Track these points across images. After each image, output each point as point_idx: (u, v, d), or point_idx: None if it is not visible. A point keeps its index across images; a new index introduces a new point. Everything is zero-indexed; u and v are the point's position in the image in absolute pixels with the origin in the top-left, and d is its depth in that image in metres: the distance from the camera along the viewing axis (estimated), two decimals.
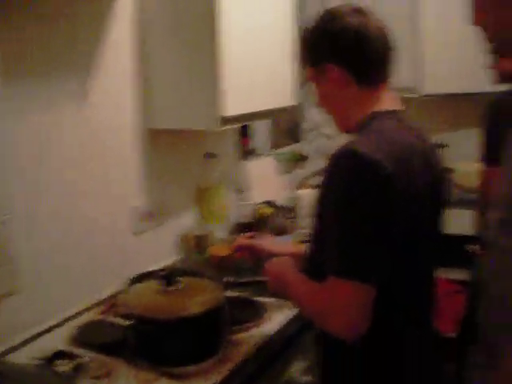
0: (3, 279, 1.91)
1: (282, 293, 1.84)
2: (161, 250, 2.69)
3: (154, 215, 2.63)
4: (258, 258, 2.19)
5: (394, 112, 1.70)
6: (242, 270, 2.44)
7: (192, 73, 2.37)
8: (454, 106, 3.80)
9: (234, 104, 2.38)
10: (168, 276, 1.89)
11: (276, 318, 2.12)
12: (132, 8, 2.44)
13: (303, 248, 1.94)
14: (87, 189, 2.28)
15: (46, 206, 2.12)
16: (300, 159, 4.02)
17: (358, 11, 1.69)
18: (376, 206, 1.50)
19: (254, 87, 2.47)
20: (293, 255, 1.96)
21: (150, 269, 2.37)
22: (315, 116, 3.97)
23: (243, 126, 3.27)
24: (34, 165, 2.07)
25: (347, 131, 1.74)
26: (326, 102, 1.78)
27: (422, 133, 1.74)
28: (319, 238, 1.68)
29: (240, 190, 3.09)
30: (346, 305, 1.51)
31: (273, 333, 2.03)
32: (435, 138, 1.84)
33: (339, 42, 1.66)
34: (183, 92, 2.41)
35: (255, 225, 2.79)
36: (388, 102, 1.71)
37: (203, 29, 2.32)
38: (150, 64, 2.48)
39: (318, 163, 3.90)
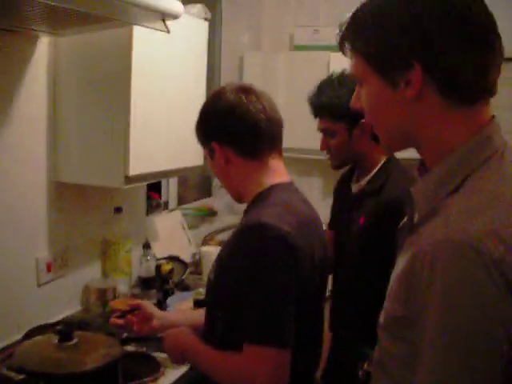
0: None
1: (187, 361, 1.94)
2: (63, 301, 2.69)
3: (59, 266, 2.64)
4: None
5: (290, 184, 1.81)
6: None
7: (101, 131, 2.43)
8: None
9: (141, 163, 2.45)
10: (64, 330, 1.90)
11: (172, 373, 2.16)
12: (46, 62, 2.48)
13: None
14: None
15: None
16: (208, 214, 4.09)
17: (241, 89, 1.80)
18: (286, 275, 1.59)
19: (161, 147, 2.54)
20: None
21: (52, 320, 2.37)
22: None
23: None
24: None
25: (242, 202, 1.85)
26: (220, 177, 1.88)
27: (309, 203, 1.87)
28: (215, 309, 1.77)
29: (146, 245, 3.13)
30: (267, 370, 1.59)
31: None
32: None
33: (219, 120, 1.78)
34: (92, 149, 2.47)
35: (157, 280, 2.84)
36: (281, 174, 1.81)
37: (115, 88, 2.39)
38: (60, 119, 2.53)
39: (227, 219, 3.99)
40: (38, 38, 2.42)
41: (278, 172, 1.80)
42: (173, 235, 3.52)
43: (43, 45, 2.46)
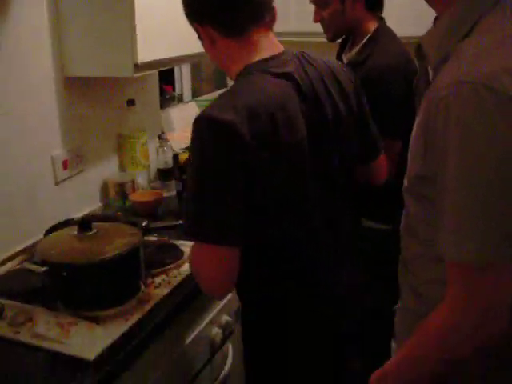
0: None
1: None
2: (82, 198, 2.68)
3: (75, 163, 2.62)
4: None
5: (266, 60, 1.67)
6: (162, 216, 2.47)
7: (106, 19, 2.33)
8: None
9: (149, 50, 2.35)
10: (84, 222, 1.90)
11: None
12: None
13: None
14: (5, 139, 2.24)
15: None
16: None
17: None
18: (229, 168, 1.52)
19: (170, 32, 2.44)
20: None
21: (72, 217, 2.37)
22: None
23: (165, 71, 3.25)
24: None
25: None
26: (212, 59, 1.81)
27: (313, 59, 1.76)
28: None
29: (161, 137, 3.09)
30: (206, 267, 1.62)
31: (190, 272, 2.06)
32: None
33: (194, 2, 1.71)
34: (98, 39, 2.37)
35: (175, 171, 2.81)
36: (263, 48, 1.69)
37: None
38: (63, 12, 2.42)
39: None
40: None
41: (259, 47, 1.68)
42: (188, 126, 3.46)
43: None
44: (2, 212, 2.24)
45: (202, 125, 1.53)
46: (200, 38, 1.78)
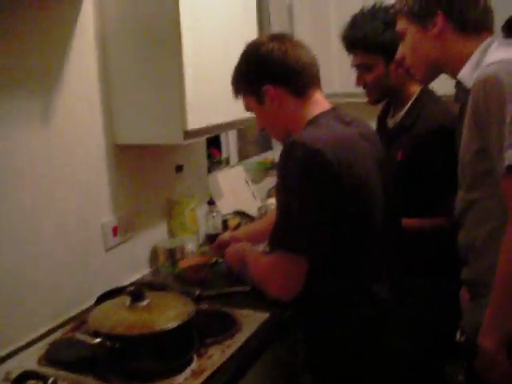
0: None
1: (238, 268, 2.22)
2: (132, 264, 2.68)
3: (124, 230, 2.62)
4: None
5: (331, 110, 1.94)
6: (212, 282, 2.45)
7: (155, 88, 2.37)
8: None
9: (198, 117, 2.38)
10: (136, 292, 1.88)
11: (248, 329, 2.11)
12: (94, 22, 2.42)
13: None
14: (57, 207, 2.26)
15: (8, 226, 2.10)
16: (270, 167, 4.03)
17: (273, 37, 1.96)
18: (317, 189, 1.72)
19: (218, 99, 2.45)
20: None
21: (122, 284, 2.36)
22: None
23: (212, 136, 3.27)
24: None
25: None
26: (269, 121, 2.01)
27: (361, 122, 2.01)
28: None
29: (210, 202, 3.09)
30: (280, 273, 1.78)
31: (245, 342, 2.03)
32: None
33: (268, 64, 1.90)
34: (148, 108, 2.40)
35: None
36: (322, 104, 1.94)
37: (167, 42, 2.31)
38: (113, 82, 2.47)
39: None
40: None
41: (319, 103, 1.94)
42: (237, 190, 3.48)
43: (88, 6, 2.38)
44: (54, 278, 2.25)
45: (296, 150, 1.74)
46: (260, 101, 1.95)
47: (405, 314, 2.00)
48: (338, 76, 3.33)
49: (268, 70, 1.90)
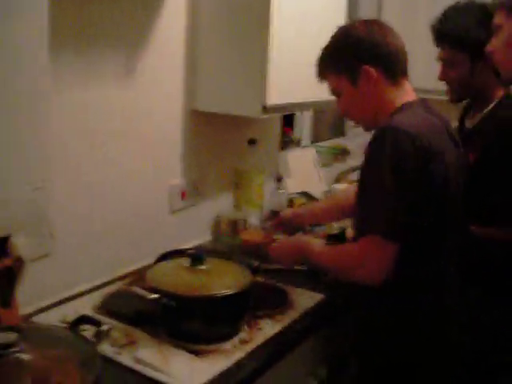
0: (38, 242, 1.95)
1: (291, 262, 2.19)
2: (194, 229, 2.72)
3: (192, 195, 2.67)
4: (298, 229, 2.59)
5: (420, 101, 1.96)
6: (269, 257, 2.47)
7: (239, 59, 2.40)
8: None
9: (278, 93, 2.39)
10: (197, 254, 1.92)
11: (300, 306, 2.14)
12: None
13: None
14: (128, 164, 2.33)
15: (86, 177, 2.17)
16: (341, 153, 4.01)
17: (371, 22, 1.97)
18: (412, 174, 1.74)
19: (300, 77, 2.46)
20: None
21: (183, 247, 2.40)
22: None
23: (286, 115, 3.28)
24: (76, 139, 2.12)
25: (375, 127, 1.92)
26: (357, 104, 1.99)
27: (444, 117, 1.99)
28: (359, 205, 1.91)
29: (278, 179, 3.10)
30: (373, 258, 1.79)
31: (296, 319, 2.06)
32: None
33: (369, 44, 1.91)
34: (229, 77, 2.44)
35: None
36: (412, 93, 1.97)
37: (253, 16, 2.34)
38: (198, 47, 2.51)
39: (359, 159, 3.89)
40: None
41: (408, 92, 1.96)
42: (305, 172, 3.48)
43: None
44: (117, 233, 2.32)
45: (393, 135, 1.75)
46: (353, 81, 1.93)
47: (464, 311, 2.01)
48: (420, 70, 3.30)
49: (368, 51, 1.90)
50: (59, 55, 1.95)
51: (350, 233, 2.60)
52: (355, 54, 1.91)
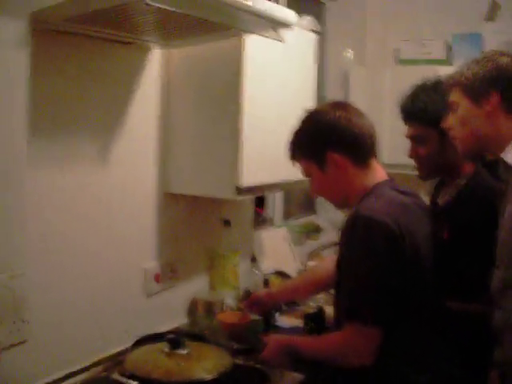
0: (12, 330, 1.92)
1: (280, 359, 2.10)
2: (171, 312, 2.69)
3: (167, 277, 2.66)
4: (270, 309, 2.65)
5: (389, 180, 2.04)
6: (246, 338, 2.45)
7: (212, 142, 2.44)
8: None
9: (252, 175, 2.43)
10: (176, 339, 1.91)
11: None
12: (160, 71, 2.52)
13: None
14: (102, 248, 2.32)
15: (60, 262, 2.15)
16: (314, 230, 4.04)
17: (338, 105, 2.04)
18: (384, 259, 1.80)
19: (273, 159, 2.50)
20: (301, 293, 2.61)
21: (159, 330, 2.37)
22: None
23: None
24: (51, 220, 2.11)
25: (346, 207, 2.06)
26: (327, 187, 2.06)
27: (414, 193, 2.08)
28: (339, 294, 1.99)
29: (253, 259, 3.11)
30: (359, 344, 1.84)
31: None
32: None
33: (334, 131, 1.97)
34: (202, 160, 2.47)
35: None
36: (381, 172, 2.04)
37: (226, 101, 2.39)
38: (171, 130, 2.55)
39: (332, 235, 3.93)
40: (149, 50, 2.46)
41: (378, 172, 2.03)
42: (278, 251, 3.49)
43: (155, 57, 2.49)
44: (91, 318, 2.28)
45: (363, 224, 1.82)
46: (320, 167, 2.00)
47: None
48: (388, 146, 3.36)
49: (334, 138, 1.97)
50: (36, 137, 1.97)
51: (328, 310, 2.59)
52: (322, 141, 1.99)
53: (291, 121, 2.07)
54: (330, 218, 4.05)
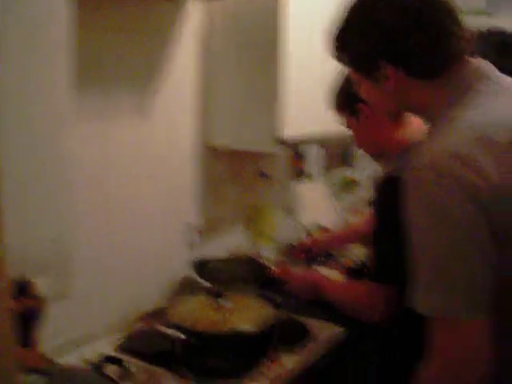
0: (59, 282, 1.95)
1: (308, 296, 2.18)
2: None
3: (207, 231, 2.67)
4: (315, 256, 2.71)
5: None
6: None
7: (252, 94, 2.41)
8: None
9: (291, 127, 2.40)
10: (219, 292, 1.92)
11: (321, 340, 2.13)
12: (199, 26, 2.49)
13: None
14: (145, 201, 2.33)
15: (103, 216, 2.18)
16: (351, 184, 4.02)
17: None
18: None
19: (312, 112, 2.48)
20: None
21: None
22: None
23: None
24: (96, 175, 2.14)
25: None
26: (370, 136, 2.04)
27: None
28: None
29: (290, 212, 3.10)
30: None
31: (317, 354, 2.05)
32: None
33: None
34: (242, 113, 2.46)
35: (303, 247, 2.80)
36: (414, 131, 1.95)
37: (266, 51, 2.35)
38: (211, 83, 2.53)
39: (369, 190, 3.90)
40: (187, 3, 2.42)
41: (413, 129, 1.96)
42: (317, 204, 3.48)
43: (193, 10, 2.45)
44: (134, 271, 2.32)
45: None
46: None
47: None
48: None
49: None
50: (78, 90, 1.97)
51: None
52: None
53: (335, 71, 2.03)
54: (368, 172, 4.02)
